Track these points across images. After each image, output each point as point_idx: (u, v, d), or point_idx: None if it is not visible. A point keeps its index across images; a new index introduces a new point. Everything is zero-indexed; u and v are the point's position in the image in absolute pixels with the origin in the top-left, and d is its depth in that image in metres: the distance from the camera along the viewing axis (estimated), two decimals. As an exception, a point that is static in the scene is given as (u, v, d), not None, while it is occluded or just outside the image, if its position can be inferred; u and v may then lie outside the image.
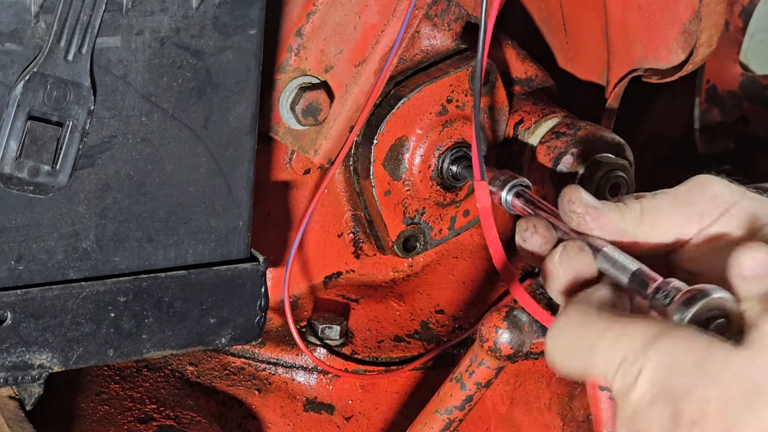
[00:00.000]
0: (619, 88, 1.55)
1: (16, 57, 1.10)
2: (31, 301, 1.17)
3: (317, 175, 1.50)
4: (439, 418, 1.36)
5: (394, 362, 1.52)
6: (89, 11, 1.10)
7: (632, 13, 1.49)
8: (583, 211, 0.98)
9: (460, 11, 1.51)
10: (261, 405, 1.50)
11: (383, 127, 1.47)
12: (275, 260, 1.47)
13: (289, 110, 1.39)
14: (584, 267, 0.97)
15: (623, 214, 0.98)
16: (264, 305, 1.28)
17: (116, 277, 1.21)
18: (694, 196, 0.98)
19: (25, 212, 1.15)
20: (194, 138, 1.20)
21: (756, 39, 1.93)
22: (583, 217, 0.98)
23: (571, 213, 0.98)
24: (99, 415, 1.38)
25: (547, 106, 1.58)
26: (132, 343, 1.22)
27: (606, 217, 0.98)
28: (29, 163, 1.13)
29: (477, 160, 1.11)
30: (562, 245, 0.98)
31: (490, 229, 1.11)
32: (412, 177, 1.50)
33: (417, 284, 1.60)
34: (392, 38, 1.42)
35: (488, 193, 1.10)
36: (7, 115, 1.11)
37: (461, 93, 1.50)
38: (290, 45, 1.38)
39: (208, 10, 1.17)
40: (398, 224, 1.52)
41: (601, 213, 0.98)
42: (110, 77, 1.14)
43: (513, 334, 1.29)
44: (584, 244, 0.97)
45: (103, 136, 1.16)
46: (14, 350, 1.17)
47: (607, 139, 1.51)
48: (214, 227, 1.24)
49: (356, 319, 1.54)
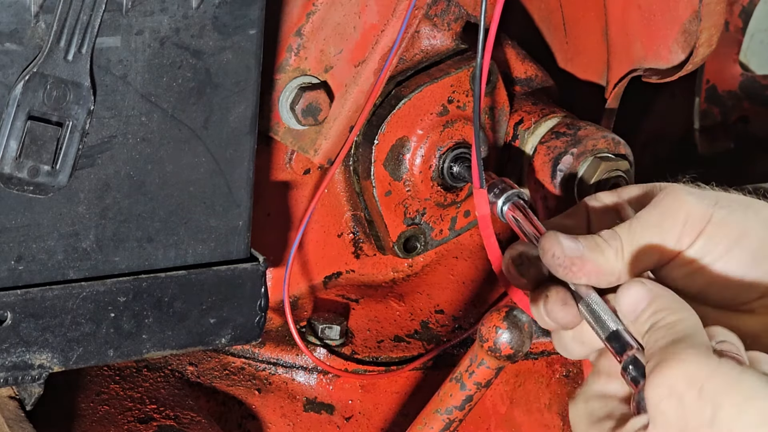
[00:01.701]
0: (619, 88, 1.55)
1: (16, 57, 1.10)
2: (31, 301, 1.17)
3: (317, 175, 1.50)
4: (439, 418, 1.36)
5: (394, 362, 1.52)
6: (89, 11, 1.11)
7: (632, 13, 1.49)
8: (569, 263, 0.98)
9: (460, 11, 1.51)
10: (261, 405, 1.50)
11: (384, 128, 1.47)
12: (275, 260, 1.47)
13: (289, 110, 1.39)
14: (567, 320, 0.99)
15: (605, 254, 0.98)
16: (264, 305, 1.28)
17: (116, 277, 1.21)
18: (669, 221, 0.98)
19: (25, 212, 1.15)
20: (194, 138, 1.20)
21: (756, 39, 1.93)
22: (569, 269, 0.98)
23: (557, 267, 0.99)
24: (99, 415, 1.38)
25: (547, 106, 1.58)
26: (132, 343, 1.22)
27: (590, 263, 0.98)
28: (29, 163, 1.13)
29: (476, 167, 1.11)
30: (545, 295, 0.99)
31: (489, 237, 1.11)
32: (412, 177, 1.50)
33: (417, 284, 1.60)
34: (392, 38, 1.42)
35: (487, 201, 1.10)
36: (7, 115, 1.11)
37: (462, 93, 1.50)
38: (290, 45, 1.38)
39: (208, 10, 1.17)
40: (399, 225, 1.52)
41: (585, 261, 0.98)
42: (110, 77, 1.14)
43: (513, 334, 1.29)
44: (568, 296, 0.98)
45: (103, 136, 1.16)
46: (14, 350, 1.17)
47: (607, 139, 1.51)
48: (214, 227, 1.24)
49: (356, 319, 1.54)
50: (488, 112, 1.55)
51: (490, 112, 1.55)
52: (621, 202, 1.04)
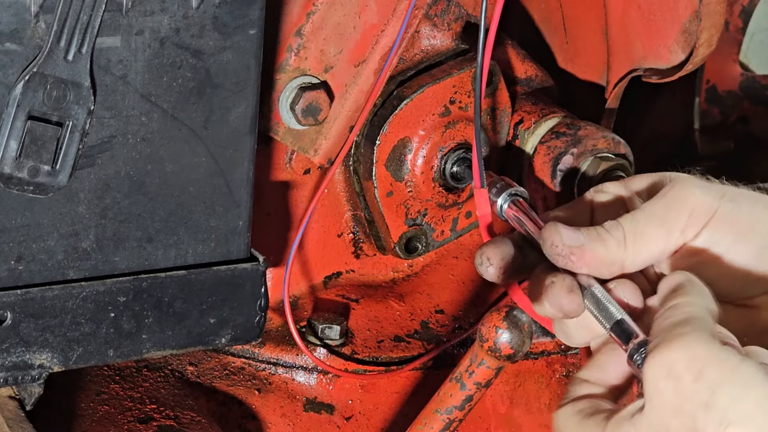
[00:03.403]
0: (619, 88, 1.55)
1: (16, 57, 1.10)
2: (31, 301, 1.17)
3: (317, 175, 1.50)
4: (439, 418, 1.36)
5: (394, 362, 1.53)
6: (89, 11, 1.11)
7: (632, 13, 1.49)
8: (568, 252, 0.97)
9: (460, 11, 1.51)
10: (261, 405, 1.50)
11: (386, 128, 1.47)
12: (275, 260, 1.47)
13: (289, 110, 1.39)
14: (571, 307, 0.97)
15: (607, 244, 0.97)
16: (264, 305, 1.28)
17: (116, 277, 1.21)
18: (674, 212, 0.97)
19: (25, 212, 1.15)
20: (194, 138, 1.20)
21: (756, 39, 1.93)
22: (569, 258, 0.98)
23: (556, 257, 0.98)
24: (99, 415, 1.38)
25: (547, 106, 1.58)
26: (132, 343, 1.22)
27: (591, 253, 0.97)
28: (29, 163, 1.13)
29: (477, 166, 1.11)
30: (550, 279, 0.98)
31: (489, 237, 1.11)
32: (414, 178, 1.50)
33: (417, 284, 1.60)
34: (392, 38, 1.42)
35: (488, 201, 1.10)
36: (7, 115, 1.11)
37: (464, 94, 1.50)
38: (290, 45, 1.38)
39: (208, 10, 1.17)
40: (400, 225, 1.52)
41: (586, 250, 0.97)
42: (110, 77, 1.14)
43: (513, 334, 1.29)
44: (574, 283, 0.97)
45: (103, 136, 1.16)
46: (14, 350, 1.17)
47: (607, 139, 1.51)
48: (214, 227, 1.24)
49: (356, 319, 1.54)
50: (490, 113, 1.55)
51: (491, 113, 1.55)
52: (628, 192, 1.03)
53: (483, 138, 1.51)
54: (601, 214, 1.02)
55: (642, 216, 0.98)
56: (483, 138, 1.51)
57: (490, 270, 1.03)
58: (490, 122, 1.56)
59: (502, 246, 1.03)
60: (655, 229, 0.97)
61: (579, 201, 1.05)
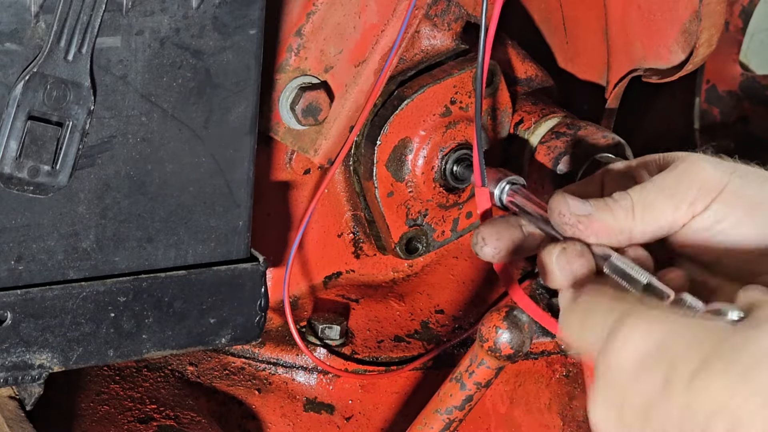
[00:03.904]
0: (619, 88, 1.55)
1: (16, 57, 1.10)
2: (31, 301, 1.17)
3: (317, 175, 1.50)
4: (439, 418, 1.36)
5: (394, 362, 1.53)
6: (89, 11, 1.11)
7: (632, 13, 1.49)
8: (575, 221, 0.97)
9: (460, 11, 1.51)
10: (261, 405, 1.50)
11: (386, 129, 1.47)
12: (275, 260, 1.47)
13: (289, 110, 1.39)
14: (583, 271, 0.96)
15: (615, 213, 0.97)
16: (264, 305, 1.28)
17: (116, 277, 1.21)
18: (684, 185, 0.97)
19: (25, 212, 1.15)
20: (194, 138, 1.20)
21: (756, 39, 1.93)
22: (576, 227, 0.98)
23: (563, 225, 0.98)
24: (99, 415, 1.38)
25: (547, 106, 1.58)
26: (132, 343, 1.22)
27: (599, 221, 0.97)
28: (29, 163, 1.13)
29: (478, 165, 1.10)
30: (561, 246, 0.97)
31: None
32: (415, 178, 1.50)
33: (417, 284, 1.60)
34: (392, 38, 1.42)
35: (489, 199, 1.10)
36: (7, 115, 1.11)
37: (465, 94, 1.50)
38: (290, 45, 1.38)
39: (208, 10, 1.17)
40: (401, 226, 1.52)
41: (593, 219, 0.97)
42: (110, 77, 1.14)
43: (513, 334, 1.29)
44: (585, 249, 0.97)
45: (103, 136, 1.16)
46: (14, 350, 1.17)
47: (607, 139, 1.51)
48: (214, 227, 1.24)
49: (356, 319, 1.54)
50: (490, 113, 1.55)
51: (492, 113, 1.55)
52: (638, 169, 1.03)
53: (484, 138, 1.51)
54: (610, 189, 1.02)
55: (651, 187, 0.98)
56: (484, 138, 1.51)
57: (485, 249, 1.02)
58: (490, 122, 1.56)
59: (498, 226, 1.03)
60: (664, 200, 0.97)
61: (589, 179, 1.05)
